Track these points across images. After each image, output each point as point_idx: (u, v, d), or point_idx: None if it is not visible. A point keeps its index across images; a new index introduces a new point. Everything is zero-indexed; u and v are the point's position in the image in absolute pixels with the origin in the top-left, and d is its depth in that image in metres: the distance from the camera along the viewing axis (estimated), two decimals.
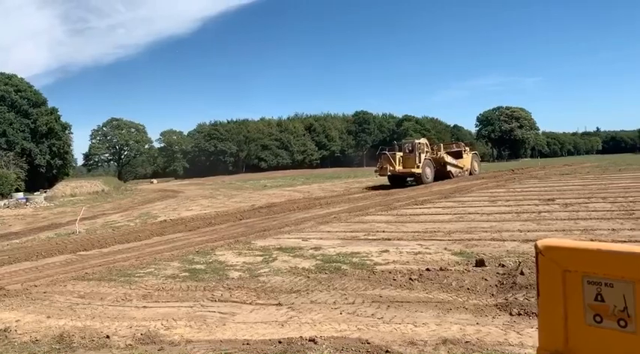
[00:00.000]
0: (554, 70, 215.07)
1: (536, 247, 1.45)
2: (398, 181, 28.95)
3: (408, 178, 29.41)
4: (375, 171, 30.07)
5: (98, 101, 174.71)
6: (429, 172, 29.55)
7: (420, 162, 28.88)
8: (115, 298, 7.54)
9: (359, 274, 7.94)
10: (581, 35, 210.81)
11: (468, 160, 33.88)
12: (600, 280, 1.34)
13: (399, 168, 28.69)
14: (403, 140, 34.45)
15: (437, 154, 31.30)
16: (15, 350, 5.46)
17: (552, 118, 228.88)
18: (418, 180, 28.79)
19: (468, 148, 35.07)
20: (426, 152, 30.25)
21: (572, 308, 1.39)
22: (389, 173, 28.62)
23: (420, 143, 30.21)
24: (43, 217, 24.61)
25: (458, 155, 33.18)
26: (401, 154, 29.43)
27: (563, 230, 10.72)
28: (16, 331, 6.15)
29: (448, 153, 32.43)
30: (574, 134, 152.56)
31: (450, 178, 30.92)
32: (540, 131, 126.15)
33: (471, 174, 33.49)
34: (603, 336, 1.35)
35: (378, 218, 15.14)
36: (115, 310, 6.89)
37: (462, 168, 32.77)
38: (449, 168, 31.38)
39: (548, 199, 16.49)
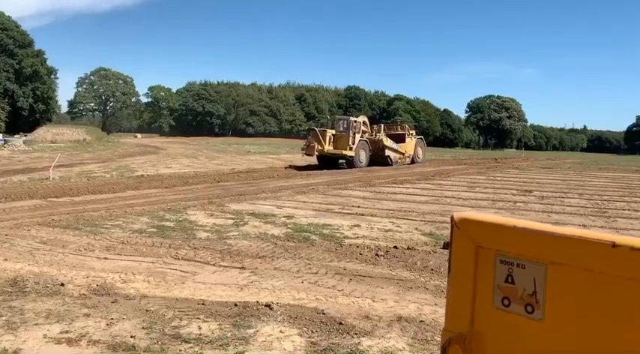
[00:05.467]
0: (549, 64, 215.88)
1: (452, 219, 1.35)
2: (328, 162, 25.62)
3: (340, 160, 26.10)
4: (302, 149, 26.45)
5: (88, 49, 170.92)
6: (363, 156, 26.33)
7: (353, 143, 25.65)
8: (77, 247, 7.42)
9: (327, 246, 7.91)
10: (578, 32, 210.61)
11: (411, 145, 30.10)
12: (513, 260, 1.25)
13: (328, 148, 25.41)
14: (337, 117, 30.36)
15: (375, 136, 27.77)
16: None
17: (541, 112, 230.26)
18: (350, 163, 25.52)
19: (413, 132, 31.53)
20: (363, 132, 27.14)
21: (482, 288, 1.30)
22: (316, 153, 25.39)
23: (356, 121, 26.85)
24: (19, 160, 24.21)
25: (400, 139, 29.48)
26: (333, 132, 26.22)
27: (535, 221, 10.78)
28: None
29: (389, 136, 28.78)
30: (561, 130, 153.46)
31: (389, 164, 27.70)
32: (528, 124, 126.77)
33: (413, 162, 29.98)
34: (509, 321, 1.26)
35: (356, 193, 15.12)
36: (75, 259, 6.78)
37: (403, 154, 29.29)
38: (387, 152, 27.92)
39: (526, 191, 16.60)
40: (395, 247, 7.83)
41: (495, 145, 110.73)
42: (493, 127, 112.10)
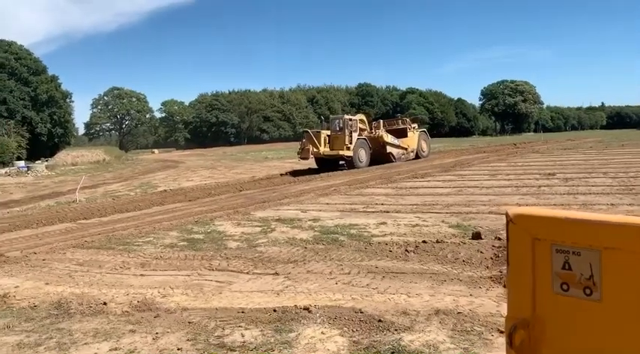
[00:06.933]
0: (562, 43, 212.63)
1: (507, 215, 1.47)
2: (328, 163, 24.62)
3: (340, 161, 24.99)
4: (298, 153, 25.38)
5: (100, 70, 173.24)
6: (363, 155, 25.21)
7: (350, 142, 24.57)
8: (113, 266, 7.60)
9: (356, 246, 7.98)
10: (589, 7, 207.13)
11: (414, 139, 28.91)
12: (568, 249, 1.36)
13: (324, 150, 24.29)
14: (332, 116, 29.61)
15: (375, 133, 26.77)
16: (13, 315, 5.53)
17: (558, 93, 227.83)
18: (349, 164, 24.44)
19: (415, 125, 30.36)
20: (361, 130, 26.14)
21: (541, 277, 1.41)
22: (311, 156, 24.38)
23: (351, 120, 25.81)
24: (44, 185, 24.70)
25: (402, 134, 28.39)
26: (328, 132, 25.18)
27: (562, 205, 10.72)
28: (14, 296, 6.22)
29: (390, 131, 27.76)
30: (578, 109, 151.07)
31: (392, 161, 26.54)
32: (544, 105, 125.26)
33: (417, 156, 28.88)
34: (569, 304, 1.37)
35: (378, 191, 15.16)
36: (113, 278, 6.95)
37: (406, 149, 28.03)
38: (389, 149, 26.73)
39: (549, 174, 16.47)
40: (424, 241, 7.87)
41: (513, 130, 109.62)
42: (509, 112, 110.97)
